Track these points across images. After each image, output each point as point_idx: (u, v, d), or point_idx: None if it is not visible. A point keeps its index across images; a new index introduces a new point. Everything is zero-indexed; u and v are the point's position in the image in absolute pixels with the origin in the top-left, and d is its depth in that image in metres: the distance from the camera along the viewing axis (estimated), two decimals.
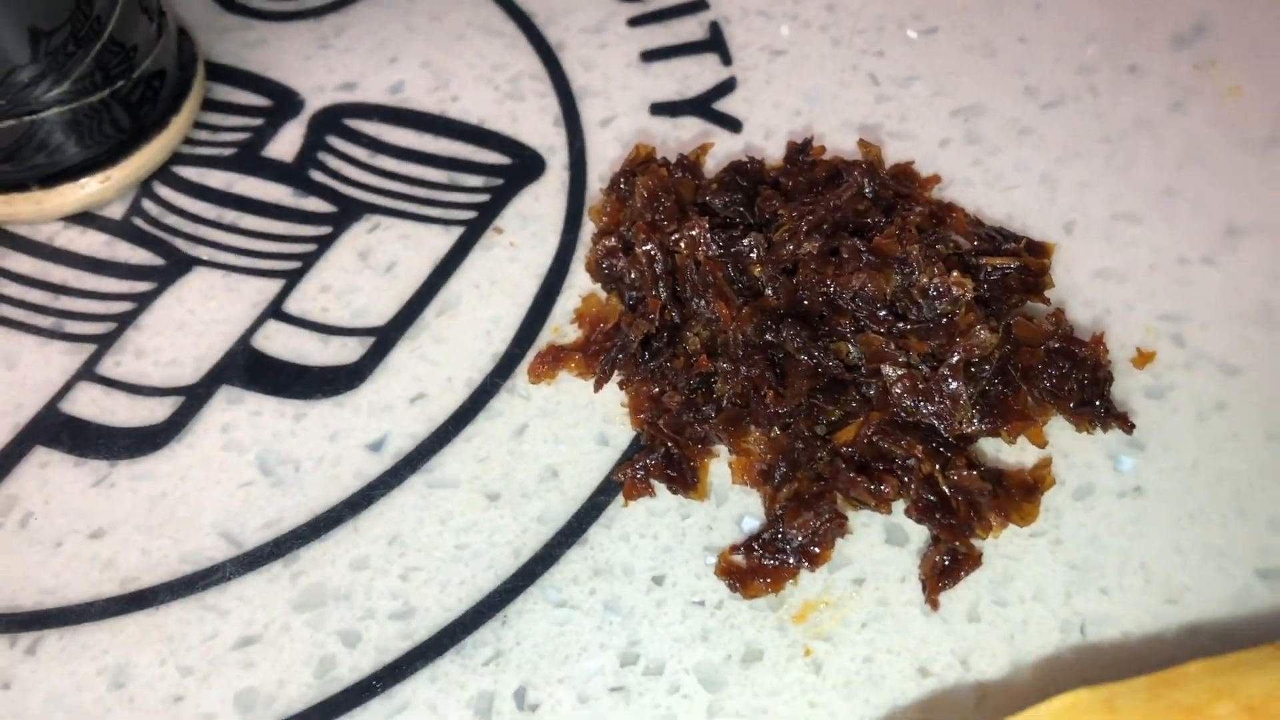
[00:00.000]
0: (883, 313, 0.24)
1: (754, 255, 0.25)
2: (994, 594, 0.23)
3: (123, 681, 0.22)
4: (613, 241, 0.26)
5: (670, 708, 0.22)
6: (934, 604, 0.23)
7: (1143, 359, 0.26)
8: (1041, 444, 0.24)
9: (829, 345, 0.24)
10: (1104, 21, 0.32)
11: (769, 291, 0.25)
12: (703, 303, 0.24)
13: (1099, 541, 0.23)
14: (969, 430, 0.24)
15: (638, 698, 0.22)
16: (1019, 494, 0.24)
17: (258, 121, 0.31)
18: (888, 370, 0.24)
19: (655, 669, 0.22)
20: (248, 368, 0.26)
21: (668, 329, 0.25)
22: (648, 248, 0.25)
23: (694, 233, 0.25)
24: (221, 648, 0.23)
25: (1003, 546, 0.23)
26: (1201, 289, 0.27)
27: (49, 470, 0.25)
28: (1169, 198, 0.29)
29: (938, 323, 0.24)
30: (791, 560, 0.23)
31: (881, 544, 0.23)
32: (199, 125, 0.31)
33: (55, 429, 0.26)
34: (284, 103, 0.31)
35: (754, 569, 0.23)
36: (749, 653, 0.22)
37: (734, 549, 0.23)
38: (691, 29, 0.33)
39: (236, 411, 0.26)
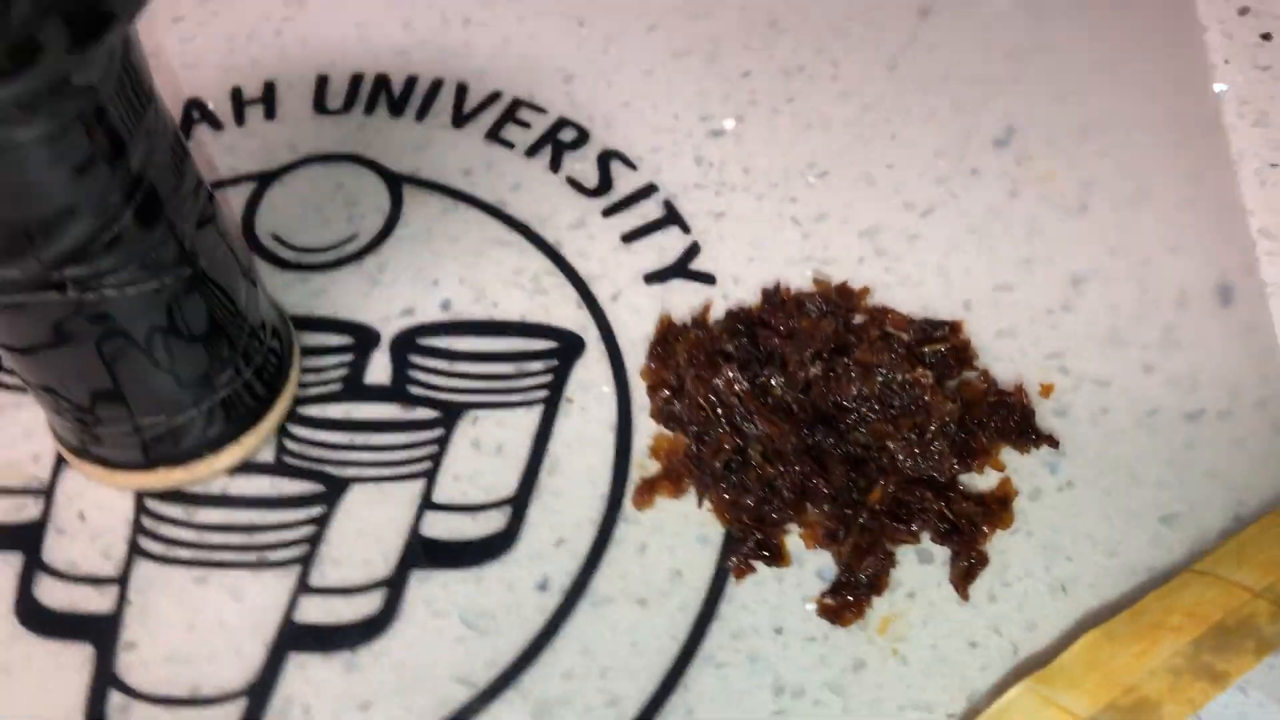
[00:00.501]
0: (876, 406, 0.34)
1: (774, 383, 0.35)
2: (1000, 579, 0.33)
3: None
4: (666, 393, 0.36)
5: (816, 715, 0.31)
6: (965, 596, 0.33)
7: (1045, 390, 0.37)
8: (1000, 469, 0.35)
9: (848, 436, 0.34)
10: (942, 139, 0.44)
11: (795, 408, 0.35)
12: (754, 427, 0.34)
13: (1055, 526, 0.34)
14: (954, 472, 0.34)
15: (792, 713, 0.31)
16: (997, 507, 0.34)
17: (349, 357, 0.39)
18: (891, 445, 0.34)
19: (798, 692, 0.32)
20: (425, 552, 0.35)
21: (736, 451, 0.35)
22: (708, 395, 0.35)
23: (730, 375, 0.35)
24: None
25: (995, 546, 0.34)
26: (1068, 329, 0.39)
27: (307, 670, 0.33)
28: (1027, 265, 0.40)
29: (915, 403, 0.34)
30: (865, 592, 0.33)
31: (918, 565, 0.34)
32: (305, 370, 0.39)
33: (298, 636, 0.33)
34: (363, 337, 0.39)
35: (842, 604, 0.33)
36: (856, 663, 0.32)
37: (824, 594, 0.33)
38: (651, 209, 0.42)
39: (430, 587, 0.34)
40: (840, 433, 0.34)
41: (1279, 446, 0.36)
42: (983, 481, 0.35)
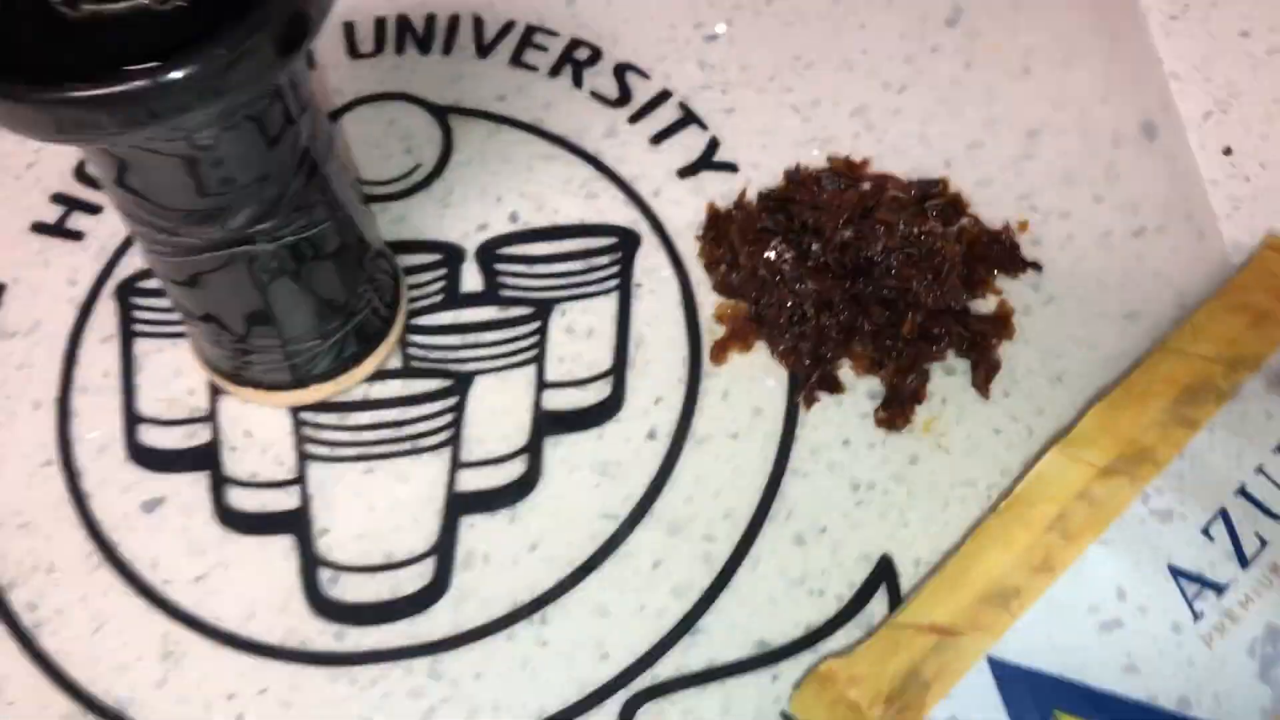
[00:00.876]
0: (900, 256, 0.43)
1: (814, 249, 0.43)
2: (1010, 379, 0.42)
3: None
4: (723, 268, 0.44)
5: (888, 501, 0.40)
6: (986, 395, 0.42)
7: (1022, 227, 0.46)
8: (998, 293, 0.44)
9: (880, 282, 0.42)
10: (903, 23, 0.51)
11: (834, 267, 0.43)
12: (804, 285, 0.42)
13: (1046, 332, 0.43)
14: (964, 301, 0.43)
15: (869, 503, 0.40)
16: (1001, 323, 0.43)
17: (443, 271, 0.45)
18: (915, 286, 0.42)
19: (870, 485, 0.40)
20: (552, 421, 0.42)
21: (793, 307, 0.42)
22: (761, 266, 0.42)
23: (778, 247, 0.43)
24: (645, 575, 0.39)
25: (1004, 353, 0.43)
26: (1031, 174, 0.47)
27: (478, 527, 0.40)
28: (990, 125, 0.48)
29: (930, 249, 0.43)
30: (909, 402, 0.42)
31: (946, 376, 0.42)
32: (410, 286, 0.45)
33: (464, 501, 0.40)
34: (449, 253, 0.46)
35: (893, 415, 0.41)
36: (911, 457, 0.41)
37: (878, 409, 0.42)
38: (670, 113, 0.49)
39: (562, 449, 0.41)
40: (874, 280, 0.42)
41: (1204, 249, 0.45)
42: (985, 305, 0.44)
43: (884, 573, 0.39)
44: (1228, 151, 0.48)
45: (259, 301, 0.38)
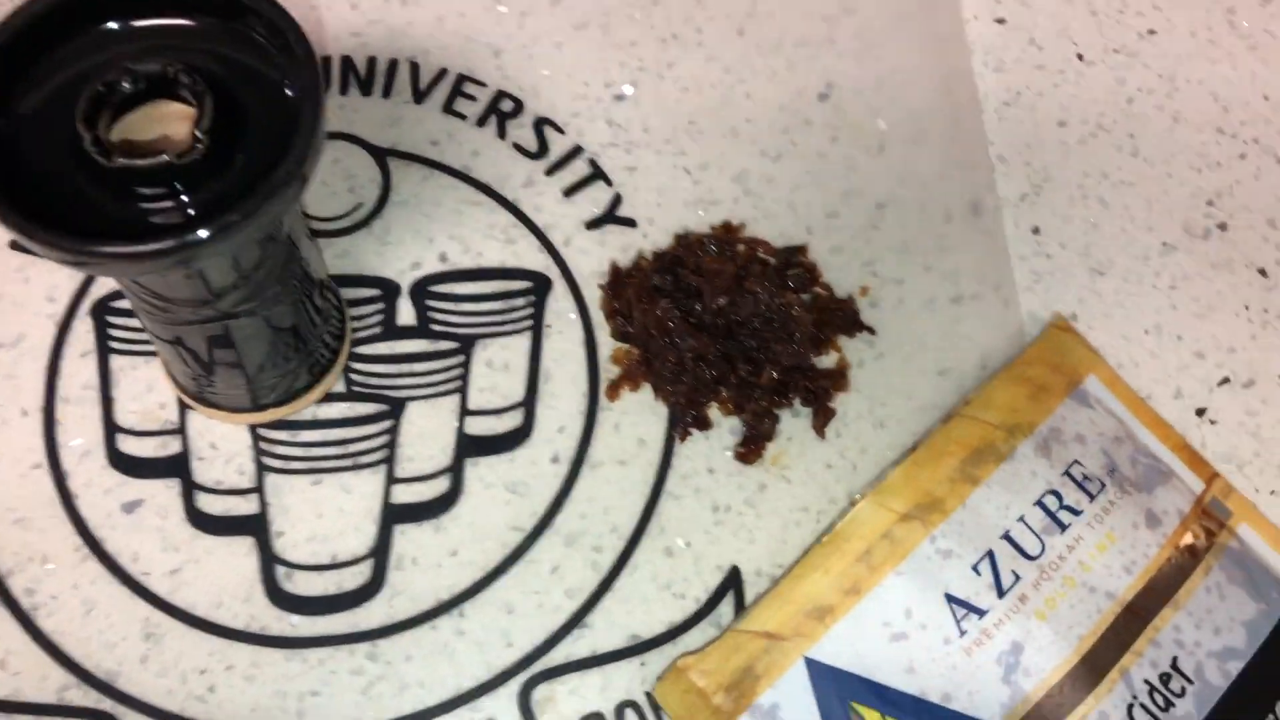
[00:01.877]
0: (762, 320, 0.52)
1: (696, 309, 0.52)
2: (842, 423, 0.52)
3: None
4: (620, 319, 0.53)
5: (740, 522, 0.50)
6: (822, 435, 0.52)
7: (863, 291, 0.56)
8: (839, 350, 0.54)
9: (745, 341, 0.52)
10: (783, 95, 0.60)
11: (710, 326, 0.52)
12: (687, 340, 0.52)
13: (874, 383, 0.53)
14: (812, 359, 0.53)
15: (725, 523, 0.50)
16: (838, 379, 0.53)
17: (381, 305, 0.53)
18: (774, 346, 0.52)
19: (727, 508, 0.51)
20: (472, 444, 0.51)
21: (675, 359, 0.52)
22: (652, 322, 0.51)
23: (664, 306, 0.52)
24: (544, 579, 0.49)
25: (838, 402, 0.53)
26: (876, 243, 0.57)
27: (408, 535, 0.49)
28: (846, 196, 0.58)
29: (789, 316, 0.52)
30: (762, 441, 0.52)
31: (792, 419, 0.53)
32: (351, 318, 0.53)
33: (397, 513, 0.49)
34: (386, 288, 0.54)
35: (748, 451, 0.52)
36: (760, 486, 0.51)
37: (738, 445, 0.52)
38: (581, 167, 0.57)
39: (480, 469, 0.50)
40: (742, 340, 0.52)
41: (1006, 317, 0.56)
42: (828, 360, 0.54)
43: (732, 581, 0.49)
44: (1035, 231, 0.58)
45: (230, 353, 0.45)
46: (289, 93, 0.38)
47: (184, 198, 0.37)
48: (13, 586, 0.47)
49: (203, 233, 0.35)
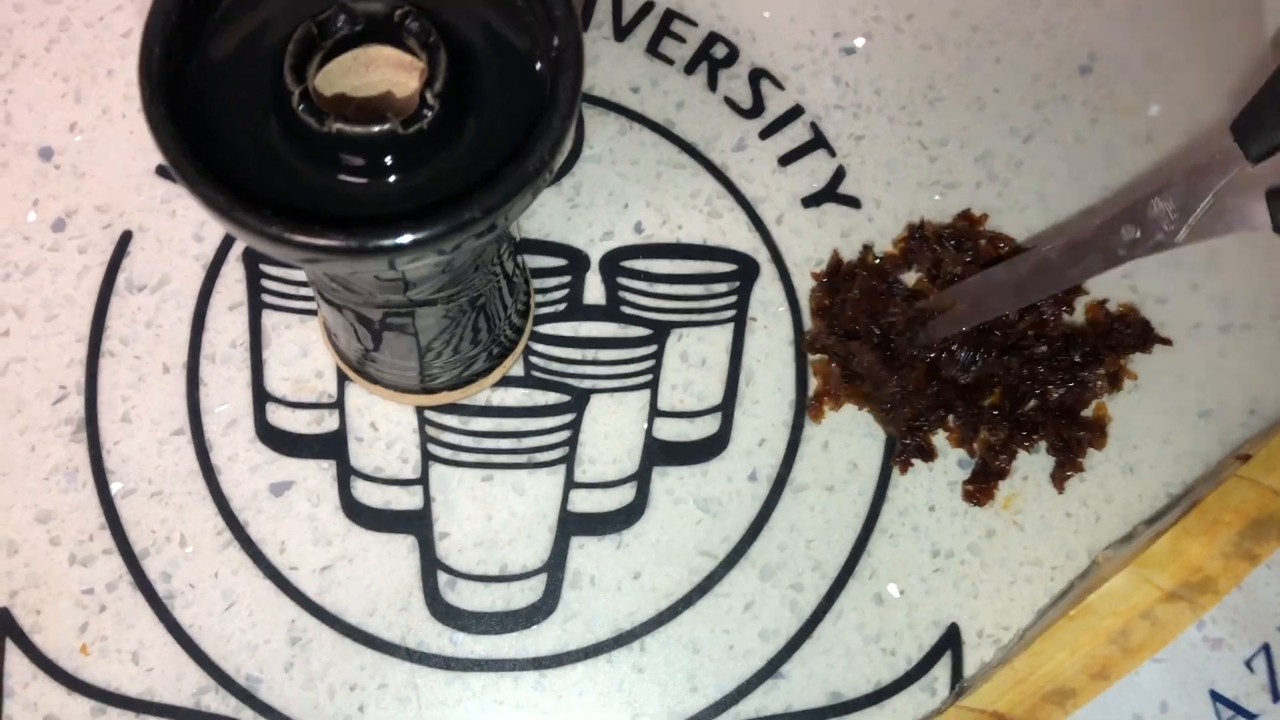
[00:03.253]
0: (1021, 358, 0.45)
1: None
2: (1086, 464, 0.45)
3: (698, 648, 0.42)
4: (828, 322, 0.45)
5: (962, 571, 0.44)
6: (1060, 491, 0.45)
7: (1124, 309, 0.48)
8: (1128, 374, 0.46)
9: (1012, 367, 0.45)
10: (1038, 63, 0.51)
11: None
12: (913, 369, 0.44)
13: (1125, 421, 0.46)
14: (1081, 401, 0.45)
15: (945, 571, 0.44)
16: (1097, 432, 0.46)
17: (567, 278, 0.46)
18: (1044, 374, 0.45)
19: (949, 554, 0.44)
20: (660, 452, 0.45)
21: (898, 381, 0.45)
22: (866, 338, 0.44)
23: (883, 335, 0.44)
24: (737, 617, 0.43)
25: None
26: None
27: (587, 549, 0.43)
28: (1106, 190, 0.50)
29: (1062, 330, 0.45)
30: (994, 479, 0.45)
31: (1029, 455, 0.46)
32: (535, 290, 0.46)
33: (575, 523, 0.43)
34: (574, 259, 0.47)
35: (978, 489, 0.45)
36: (989, 531, 0.45)
37: (966, 482, 0.45)
38: (801, 132, 0.49)
39: (669, 480, 0.44)
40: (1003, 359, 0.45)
41: None
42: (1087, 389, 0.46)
43: (950, 640, 0.43)
44: None
45: (407, 335, 0.39)
46: (534, 55, 0.31)
47: (399, 175, 0.30)
48: (149, 569, 0.42)
49: (425, 232, 0.28)
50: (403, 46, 0.31)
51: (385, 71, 0.32)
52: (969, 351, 0.43)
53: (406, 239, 0.28)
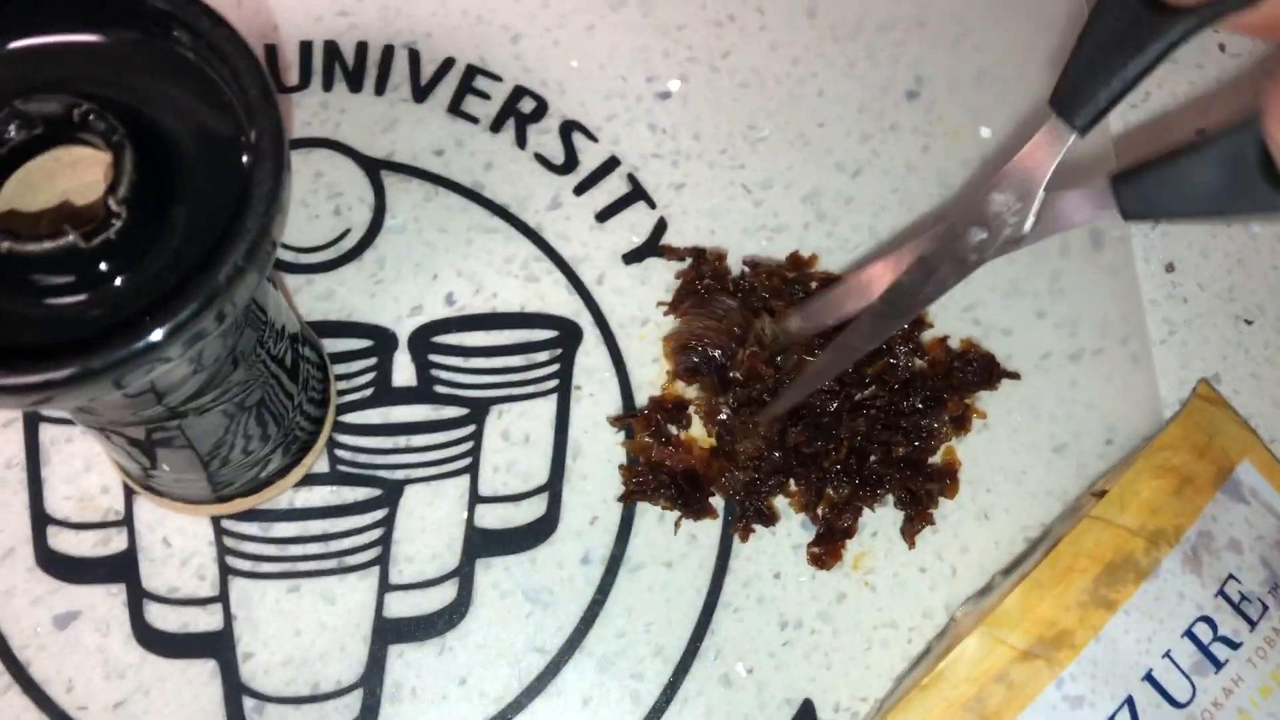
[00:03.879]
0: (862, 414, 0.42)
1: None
2: (939, 514, 0.43)
3: None
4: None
5: (814, 642, 0.41)
6: (912, 545, 0.42)
7: (965, 344, 0.45)
8: (976, 413, 0.44)
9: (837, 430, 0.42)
10: (863, 92, 0.49)
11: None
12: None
13: (976, 463, 0.44)
14: (928, 447, 0.43)
15: (795, 643, 0.41)
16: (947, 480, 0.43)
17: (373, 360, 0.43)
18: (885, 429, 0.42)
19: (798, 624, 0.41)
20: (484, 542, 0.41)
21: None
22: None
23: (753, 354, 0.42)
24: (574, 716, 0.40)
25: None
26: (976, 281, 0.46)
27: (406, 657, 0.40)
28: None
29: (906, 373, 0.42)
30: (840, 538, 0.42)
31: (875, 516, 0.43)
32: (336, 377, 0.43)
33: (393, 630, 0.40)
34: (380, 338, 0.44)
35: (824, 551, 0.42)
36: (839, 595, 0.42)
37: (811, 545, 0.42)
38: (618, 185, 0.47)
39: (494, 573, 0.41)
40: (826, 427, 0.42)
41: (1137, 379, 0.46)
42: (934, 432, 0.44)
43: (805, 718, 0.40)
44: (1170, 268, 0.48)
45: (181, 447, 0.36)
46: (239, 144, 0.28)
47: (103, 286, 0.27)
48: None
49: (117, 353, 0.25)
50: (88, 144, 0.28)
51: (80, 171, 0.29)
52: (811, 424, 0.41)
53: (114, 353, 0.25)
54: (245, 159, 0.27)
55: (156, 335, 0.25)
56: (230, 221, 0.26)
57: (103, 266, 0.27)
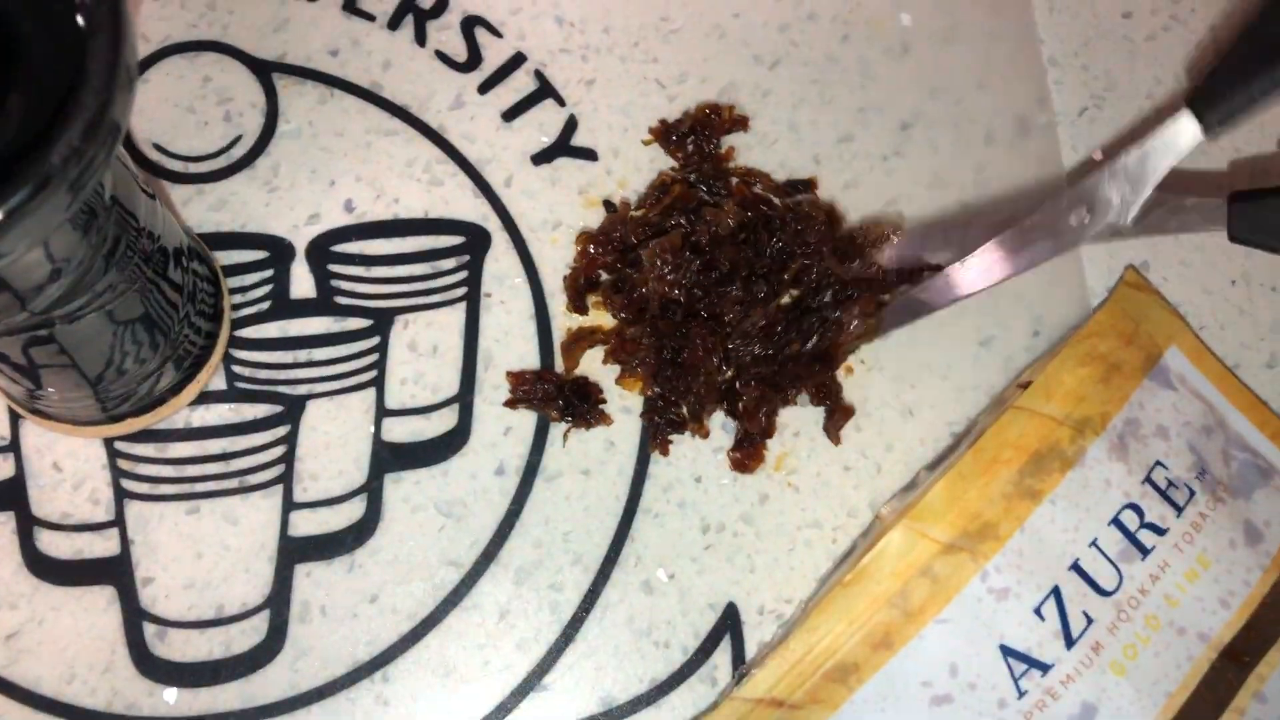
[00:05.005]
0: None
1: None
2: (863, 411, 0.42)
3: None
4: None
5: (736, 544, 0.40)
6: (837, 442, 0.41)
7: (886, 236, 0.44)
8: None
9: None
10: None
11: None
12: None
13: (902, 359, 0.43)
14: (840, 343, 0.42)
15: (718, 546, 0.40)
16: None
17: (269, 272, 0.41)
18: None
19: (720, 527, 0.40)
20: (393, 456, 0.40)
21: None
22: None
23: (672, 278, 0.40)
24: (490, 629, 0.38)
25: (856, 382, 0.42)
26: (900, 175, 0.45)
27: (314, 576, 0.38)
28: (862, 114, 0.46)
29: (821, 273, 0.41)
30: (760, 439, 0.41)
31: (799, 410, 0.42)
32: (231, 290, 0.41)
33: (299, 548, 0.39)
34: (276, 249, 0.41)
35: (745, 455, 0.41)
36: (761, 497, 0.41)
37: (731, 450, 0.41)
38: (524, 81, 0.45)
39: (404, 487, 0.40)
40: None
41: (1063, 270, 0.45)
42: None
43: (729, 622, 0.39)
44: (1099, 158, 0.46)
45: (61, 359, 0.34)
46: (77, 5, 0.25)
47: None
48: None
49: None
50: None
51: None
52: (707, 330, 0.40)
53: None
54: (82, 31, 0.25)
55: None
56: (65, 99, 0.24)
57: None
